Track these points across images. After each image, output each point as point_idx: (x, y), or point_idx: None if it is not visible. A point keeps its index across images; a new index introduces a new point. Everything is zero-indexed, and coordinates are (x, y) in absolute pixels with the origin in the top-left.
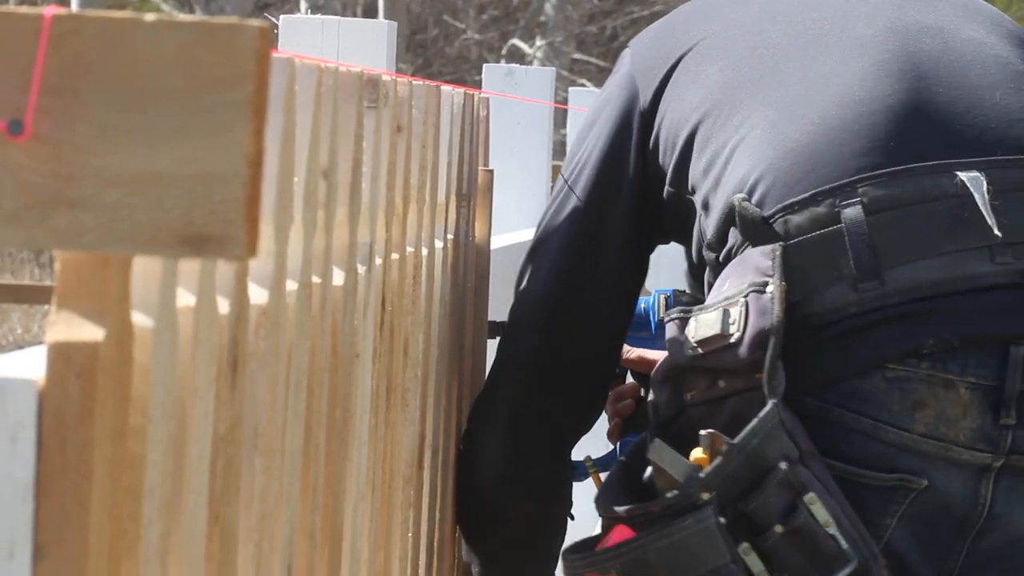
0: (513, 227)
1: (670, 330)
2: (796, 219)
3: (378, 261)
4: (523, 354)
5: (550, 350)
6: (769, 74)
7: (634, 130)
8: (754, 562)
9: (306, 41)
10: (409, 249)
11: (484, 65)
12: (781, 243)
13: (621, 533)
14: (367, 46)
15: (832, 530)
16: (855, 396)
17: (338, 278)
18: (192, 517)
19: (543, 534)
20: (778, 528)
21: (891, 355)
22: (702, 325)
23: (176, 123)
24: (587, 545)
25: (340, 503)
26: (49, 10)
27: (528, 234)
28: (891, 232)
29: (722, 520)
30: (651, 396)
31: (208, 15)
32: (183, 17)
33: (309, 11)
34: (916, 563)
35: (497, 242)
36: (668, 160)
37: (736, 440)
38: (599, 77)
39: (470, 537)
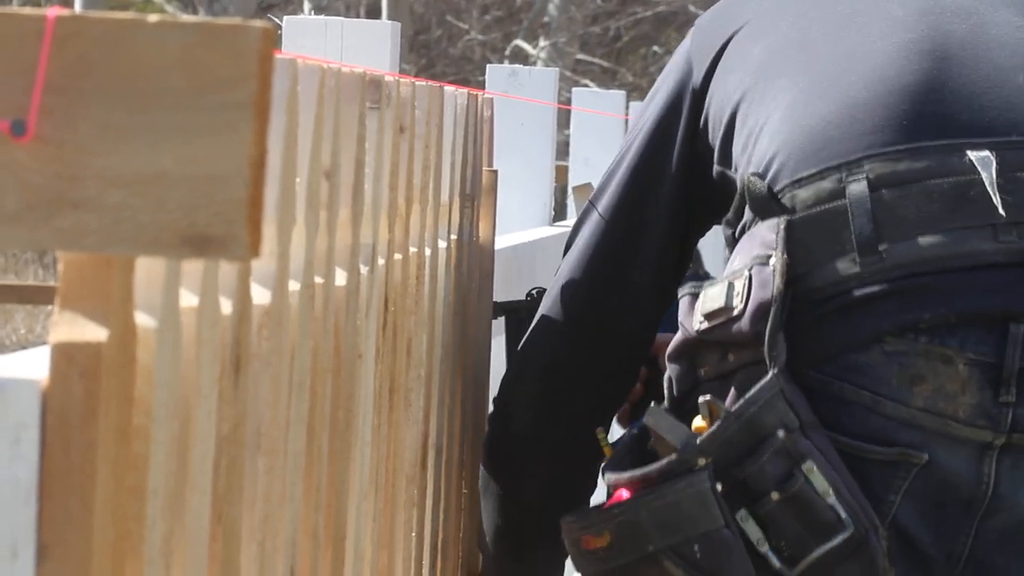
0: (517, 227)
1: (682, 306)
2: (802, 194)
3: (381, 261)
4: (560, 322)
5: (588, 322)
6: (803, 52)
7: (684, 109)
8: (752, 529)
9: (309, 42)
10: (412, 249)
11: (488, 66)
12: (786, 217)
13: (619, 497)
14: (370, 47)
15: (831, 499)
16: (855, 369)
17: (341, 278)
18: (195, 517)
19: (560, 500)
20: (774, 495)
21: (888, 329)
22: (709, 299)
23: (179, 124)
24: (586, 510)
25: (343, 503)
26: (52, 11)
27: (532, 234)
28: (894, 208)
29: (719, 487)
30: (666, 372)
31: (211, 16)
32: (186, 18)
33: (312, 12)
34: (925, 543)
35: (501, 242)
36: (716, 138)
37: (734, 407)
38: (602, 78)
39: (489, 496)
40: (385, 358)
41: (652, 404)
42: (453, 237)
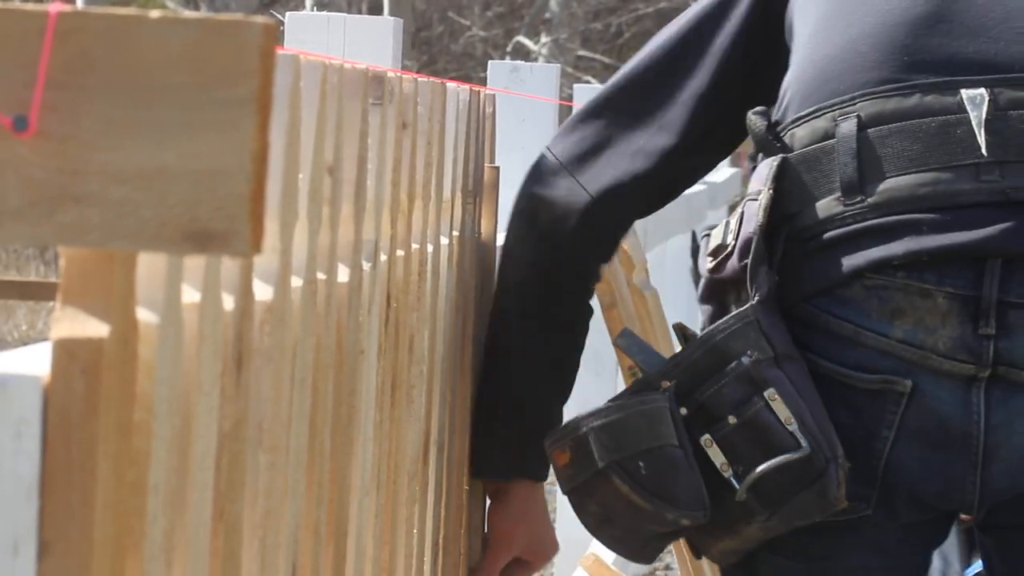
0: None
1: (700, 248)
2: (799, 132)
3: (383, 257)
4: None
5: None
6: None
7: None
8: (716, 454)
9: (311, 38)
10: (414, 246)
11: (489, 62)
12: (782, 155)
13: None
14: (372, 43)
15: (792, 427)
16: (839, 302)
17: (343, 275)
18: (197, 513)
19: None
20: (731, 419)
21: (864, 267)
22: (713, 238)
23: (181, 119)
24: (565, 422)
25: (345, 499)
26: (54, 6)
27: None
28: (880, 147)
29: (684, 411)
30: (700, 316)
31: (213, 12)
32: (188, 14)
33: (314, 8)
34: (932, 494)
35: (502, 238)
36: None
37: (700, 334)
38: (604, 74)
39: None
40: (387, 354)
41: (624, 328)
42: (455, 233)
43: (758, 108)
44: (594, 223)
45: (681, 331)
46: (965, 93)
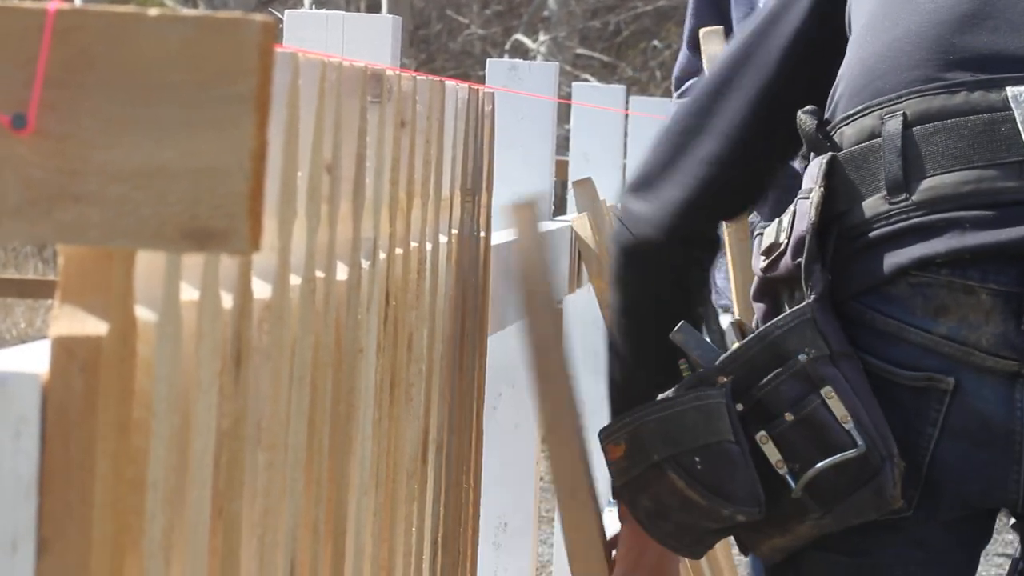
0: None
1: (754, 246)
2: (848, 131)
3: (382, 256)
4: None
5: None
6: None
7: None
8: (771, 451)
9: (310, 36)
10: (413, 244)
11: (488, 60)
12: (832, 153)
13: None
14: (371, 41)
15: (849, 425)
16: (885, 300)
17: (342, 273)
18: (195, 511)
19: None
20: (788, 416)
21: (908, 265)
22: (766, 236)
23: (180, 117)
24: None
25: (344, 497)
26: (52, 4)
27: None
28: (924, 145)
29: (739, 407)
30: (755, 314)
31: (212, 10)
32: (186, 12)
33: (313, 6)
34: (975, 492)
35: (500, 237)
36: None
37: (759, 329)
38: (602, 72)
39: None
40: (386, 352)
41: (681, 322)
42: (454, 231)
43: (808, 107)
44: (679, 236)
45: (739, 328)
46: (1010, 90)
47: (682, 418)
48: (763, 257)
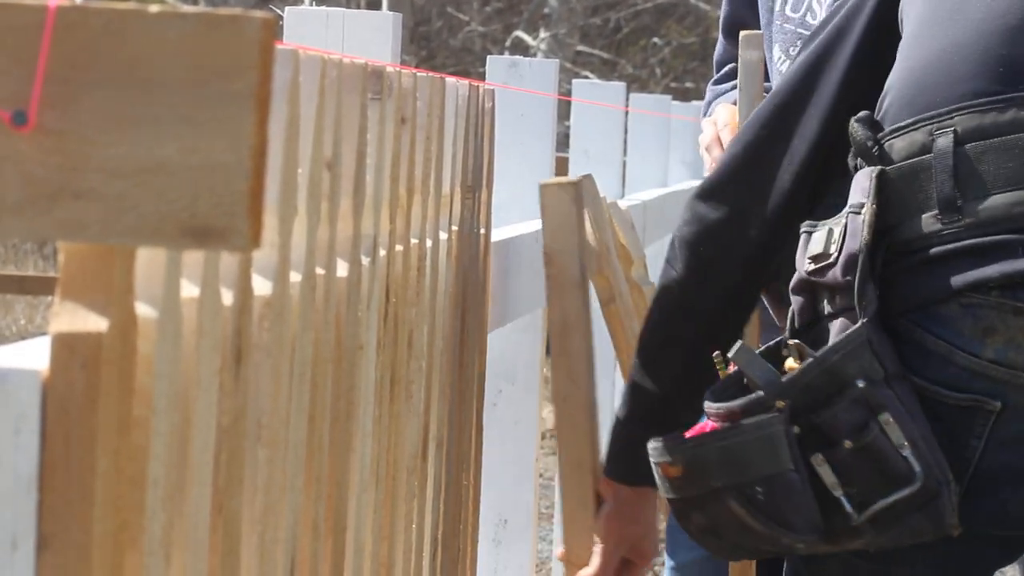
0: (516, 218)
1: (800, 243)
2: (898, 144)
3: (382, 253)
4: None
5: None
6: None
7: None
8: (827, 474)
9: (310, 32)
10: (413, 241)
11: (488, 57)
12: (881, 167)
13: (703, 428)
14: (371, 38)
15: (906, 452)
16: (935, 320)
17: (342, 269)
18: (196, 508)
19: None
20: (847, 443)
21: (960, 287)
22: (814, 242)
23: (180, 114)
24: (666, 436)
25: (344, 494)
26: (53, 1)
27: (531, 225)
28: (977, 164)
29: (795, 429)
30: (791, 306)
31: (212, 7)
32: (187, 9)
33: (313, 2)
34: (1011, 503)
35: (499, 234)
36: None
37: (818, 353)
38: (602, 69)
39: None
40: (386, 349)
41: (739, 342)
42: (454, 228)
43: (861, 115)
44: (744, 249)
45: (800, 350)
46: None
47: (744, 448)
48: (811, 262)
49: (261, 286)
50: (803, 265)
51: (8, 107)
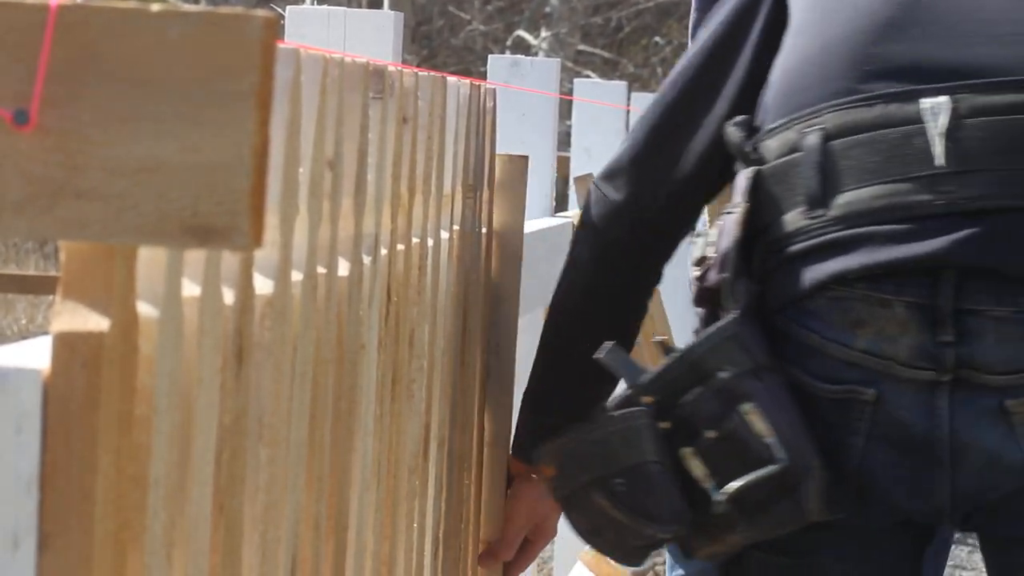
0: None
1: (690, 255)
2: (772, 144)
3: (383, 252)
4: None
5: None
6: None
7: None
8: (697, 466)
9: (312, 32)
10: (415, 240)
11: (489, 56)
12: (756, 167)
13: None
14: (373, 37)
15: (770, 440)
16: (807, 314)
17: (343, 269)
18: (197, 507)
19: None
20: (710, 433)
21: (824, 280)
22: (696, 247)
23: (181, 113)
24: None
25: (345, 493)
26: (54, 0)
27: (533, 224)
28: (842, 160)
29: (665, 424)
30: (695, 317)
31: (213, 5)
32: (189, 7)
33: (315, 2)
34: (903, 501)
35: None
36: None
37: (681, 348)
38: (604, 68)
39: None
40: (387, 348)
41: (610, 343)
42: (455, 227)
43: (737, 118)
44: (646, 228)
45: (663, 346)
46: (924, 103)
47: (606, 441)
48: (696, 267)
49: (262, 285)
50: (692, 273)
51: (9, 106)
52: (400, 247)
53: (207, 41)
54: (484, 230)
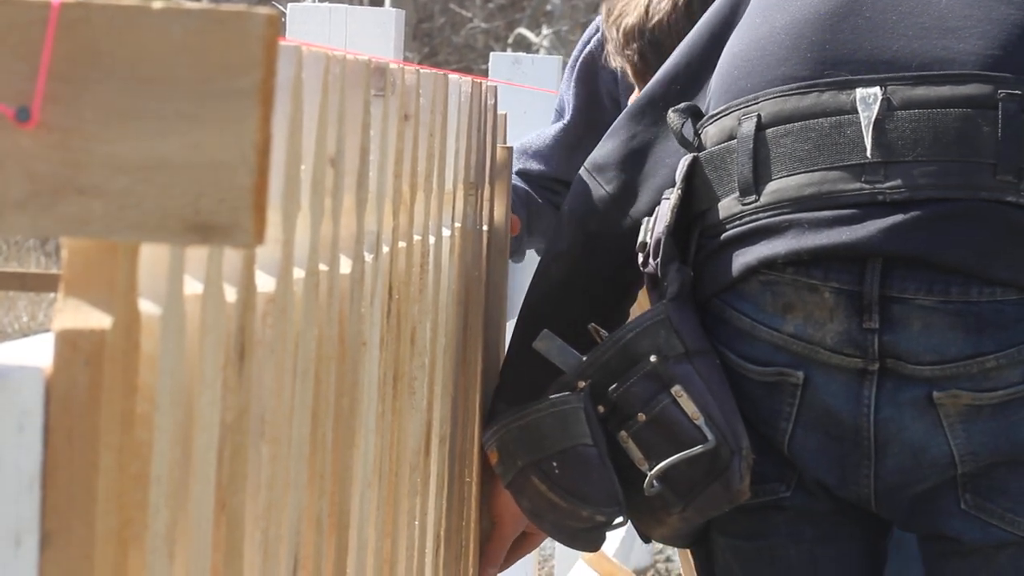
0: None
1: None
2: (711, 131)
3: (385, 249)
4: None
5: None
6: None
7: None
8: (632, 449)
9: (313, 29)
10: (416, 237)
11: (491, 54)
12: (694, 154)
13: None
14: (374, 34)
15: (699, 422)
16: (739, 297)
17: (345, 266)
18: (199, 505)
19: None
20: (640, 416)
21: (756, 264)
22: (640, 235)
23: (184, 110)
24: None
25: (347, 491)
26: None
27: None
28: (775, 147)
29: (601, 409)
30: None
31: (215, 2)
32: (191, 4)
33: None
34: (833, 485)
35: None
36: None
37: (612, 334)
38: None
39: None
40: (389, 346)
41: (544, 331)
42: (457, 225)
43: (680, 106)
44: (635, 223)
45: (596, 332)
46: (859, 92)
47: (540, 424)
48: (639, 254)
49: (264, 282)
50: (637, 261)
51: (11, 104)
52: (402, 244)
53: (209, 38)
54: (485, 228)
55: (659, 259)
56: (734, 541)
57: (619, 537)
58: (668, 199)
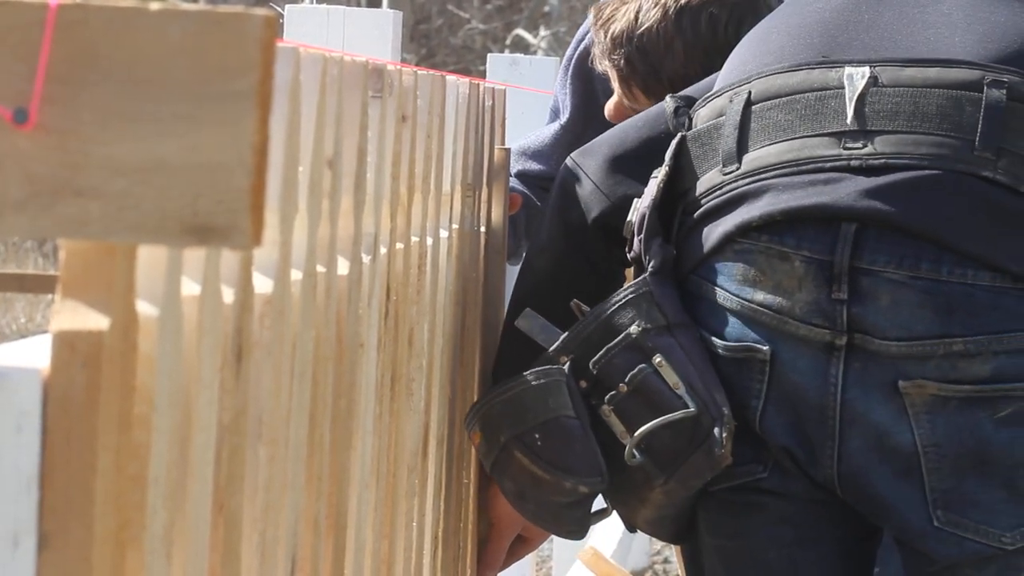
0: None
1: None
2: (703, 112)
3: (383, 251)
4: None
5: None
6: None
7: None
8: (615, 422)
9: (311, 30)
10: (414, 239)
11: (488, 55)
12: (681, 134)
13: None
14: (372, 36)
15: (680, 391)
16: (715, 270)
17: (343, 268)
18: (196, 506)
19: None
20: (622, 387)
21: (730, 231)
22: (630, 217)
23: (181, 112)
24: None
25: (344, 492)
26: None
27: None
28: (760, 120)
29: (583, 383)
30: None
31: (213, 4)
32: (188, 6)
33: (314, 1)
34: (802, 463)
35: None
36: None
37: (593, 308)
38: None
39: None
40: (387, 347)
41: (526, 309)
42: (455, 226)
43: (680, 93)
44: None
45: (577, 308)
46: (848, 70)
47: (522, 397)
48: (630, 237)
49: (262, 284)
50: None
51: (9, 105)
52: (399, 246)
53: (207, 40)
54: (483, 229)
55: (643, 234)
56: (718, 541)
57: (616, 538)
58: (656, 177)
